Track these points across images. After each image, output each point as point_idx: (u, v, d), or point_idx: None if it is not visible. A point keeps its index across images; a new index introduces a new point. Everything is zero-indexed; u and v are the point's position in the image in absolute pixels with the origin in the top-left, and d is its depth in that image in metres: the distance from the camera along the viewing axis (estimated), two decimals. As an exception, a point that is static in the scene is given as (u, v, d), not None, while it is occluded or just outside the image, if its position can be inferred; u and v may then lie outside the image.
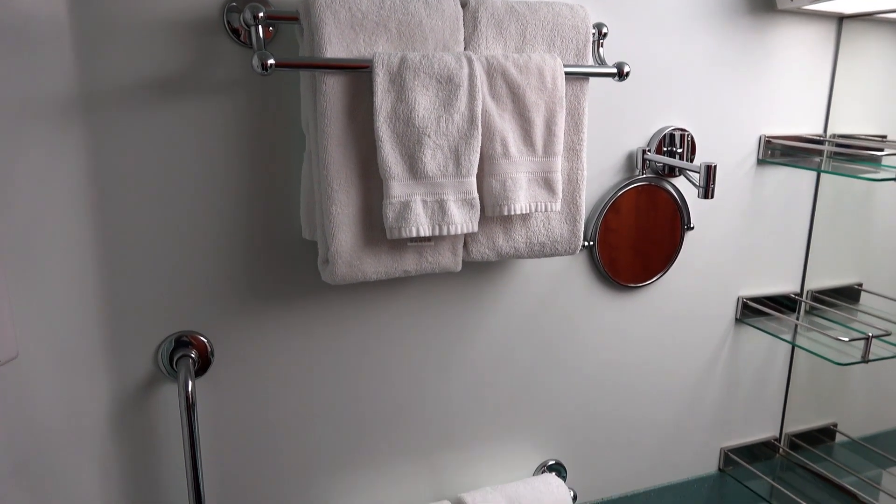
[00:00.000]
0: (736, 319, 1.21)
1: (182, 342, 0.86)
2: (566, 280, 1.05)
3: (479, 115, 0.79)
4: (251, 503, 0.95)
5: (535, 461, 1.13)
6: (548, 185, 0.86)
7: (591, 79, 0.93)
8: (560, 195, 0.87)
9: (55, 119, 0.74)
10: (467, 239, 0.87)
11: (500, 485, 1.05)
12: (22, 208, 0.75)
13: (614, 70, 0.88)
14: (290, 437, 0.95)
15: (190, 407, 0.81)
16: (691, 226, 1.10)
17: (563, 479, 1.14)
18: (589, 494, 1.18)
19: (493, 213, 0.83)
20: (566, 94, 0.87)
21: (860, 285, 1.25)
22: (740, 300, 1.20)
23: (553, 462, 1.13)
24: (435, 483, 1.06)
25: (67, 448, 0.79)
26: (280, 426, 0.94)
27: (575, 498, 1.08)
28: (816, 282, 1.26)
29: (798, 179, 1.19)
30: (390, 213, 0.77)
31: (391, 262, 0.82)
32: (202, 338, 0.87)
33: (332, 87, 0.75)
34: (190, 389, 0.81)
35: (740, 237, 1.17)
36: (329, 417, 0.96)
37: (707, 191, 0.91)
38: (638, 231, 1.06)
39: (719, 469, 1.29)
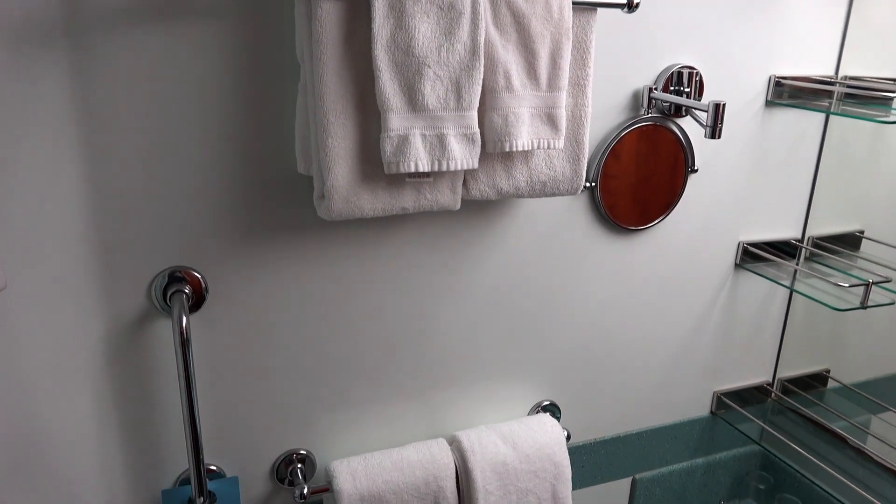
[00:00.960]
0: (735, 265, 1.20)
1: (176, 277, 0.85)
2: (566, 221, 1.04)
3: (482, 45, 0.76)
4: (247, 439, 0.96)
5: (530, 402, 1.13)
6: (551, 121, 0.83)
7: (599, 10, 0.89)
8: (563, 132, 0.84)
9: (39, 43, 0.71)
10: (467, 176, 0.85)
11: (494, 424, 1.06)
12: (5, 139, 0.72)
13: (623, 0, 0.84)
14: (286, 374, 0.95)
15: (185, 342, 0.80)
16: (695, 168, 1.08)
17: (558, 419, 1.15)
18: (582, 435, 1.19)
19: (494, 149, 0.81)
20: (573, 26, 0.83)
21: (861, 232, 1.24)
22: (740, 245, 1.19)
23: (548, 403, 1.14)
24: (430, 422, 1.07)
25: (60, 383, 0.79)
26: (275, 363, 0.93)
27: (568, 437, 1.09)
28: (818, 228, 1.25)
29: (806, 122, 1.16)
30: (388, 147, 0.75)
31: (389, 198, 0.80)
32: (196, 273, 0.86)
33: (329, 13, 0.71)
34: (184, 325, 0.80)
35: (744, 181, 1.15)
36: (324, 355, 0.96)
37: (714, 130, 0.89)
38: (640, 173, 1.04)
39: (711, 412, 1.30)
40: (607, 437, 1.22)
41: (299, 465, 0.99)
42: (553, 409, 1.15)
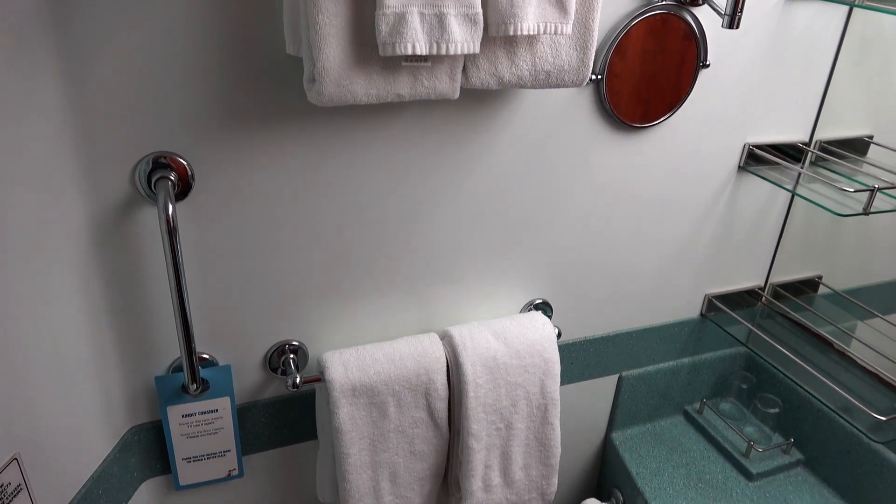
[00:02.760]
0: (739, 167, 1.17)
1: (160, 164, 0.81)
2: (568, 116, 0.99)
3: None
4: (239, 329, 0.96)
5: (523, 300, 1.13)
6: (559, 3, 0.77)
7: None
8: (572, 17, 0.78)
9: None
10: (467, 62, 0.80)
11: (486, 320, 1.06)
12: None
13: None
14: (276, 266, 0.93)
15: (172, 231, 0.78)
16: (707, 63, 1.03)
17: (549, 317, 1.15)
18: (573, 333, 1.21)
19: (497, 32, 0.75)
20: None
21: (870, 137, 1.20)
22: (746, 147, 1.15)
23: (540, 301, 1.14)
24: (422, 317, 1.07)
25: (47, 271, 0.77)
26: (265, 254, 0.92)
27: (559, 335, 1.10)
28: (827, 132, 1.21)
29: (828, 15, 1.10)
30: (383, 27, 0.69)
31: (383, 83, 0.76)
32: (181, 160, 0.82)
33: None
34: (170, 213, 0.77)
35: (756, 78, 1.09)
36: (316, 247, 0.94)
37: (733, 19, 0.83)
38: (650, 65, 0.99)
39: (701, 314, 1.31)
40: (597, 335, 1.23)
41: (291, 356, 1.00)
42: (545, 308, 1.15)
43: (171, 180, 0.81)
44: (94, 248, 0.83)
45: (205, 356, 0.96)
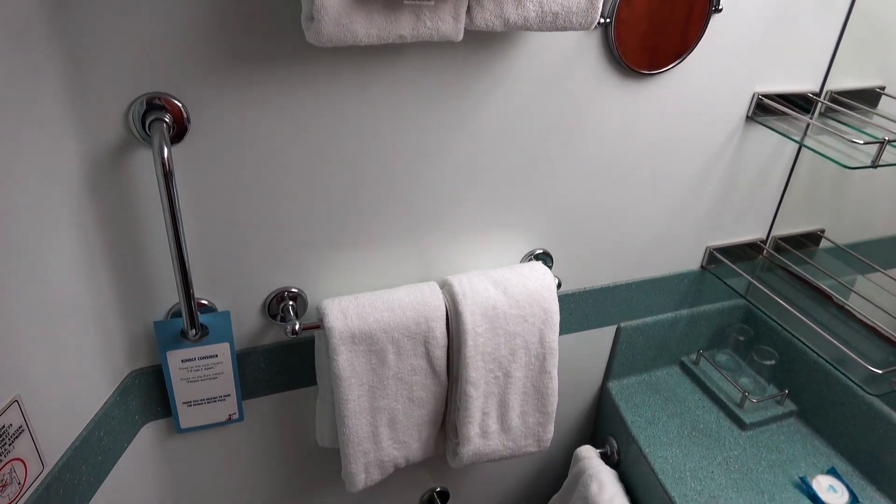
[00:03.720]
0: (747, 117, 1.14)
1: (154, 105, 0.79)
2: (575, 61, 0.96)
3: None
4: (237, 275, 0.95)
5: (524, 250, 1.13)
6: (569, -61, 0.74)
7: None
8: (582, -46, 0.75)
9: None
10: (471, 3, 0.76)
11: (486, 269, 1.06)
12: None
13: None
14: (275, 212, 0.92)
15: (167, 174, 0.76)
16: (720, 7, 0.99)
17: (550, 267, 1.15)
18: (573, 283, 1.20)
19: (503, -30, 0.72)
20: None
21: (882, 89, 1.17)
22: (755, 96, 1.13)
23: (540, 251, 1.13)
24: (422, 266, 1.07)
25: (39, 215, 0.75)
26: (264, 200, 0.90)
27: (559, 285, 1.10)
28: (838, 82, 1.18)
29: (847, -41, 1.06)
30: (385, -38, 0.66)
31: (384, 23, 0.73)
32: (176, 101, 0.80)
33: None
34: (166, 155, 0.75)
35: (769, 24, 1.06)
36: (314, 194, 0.93)
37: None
38: (659, 10, 0.95)
39: (702, 267, 1.31)
40: (597, 286, 1.23)
41: (291, 303, 1.00)
42: (545, 258, 1.14)
43: (165, 122, 0.79)
44: (88, 192, 0.81)
45: (203, 302, 0.95)
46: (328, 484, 1.25)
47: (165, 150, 0.75)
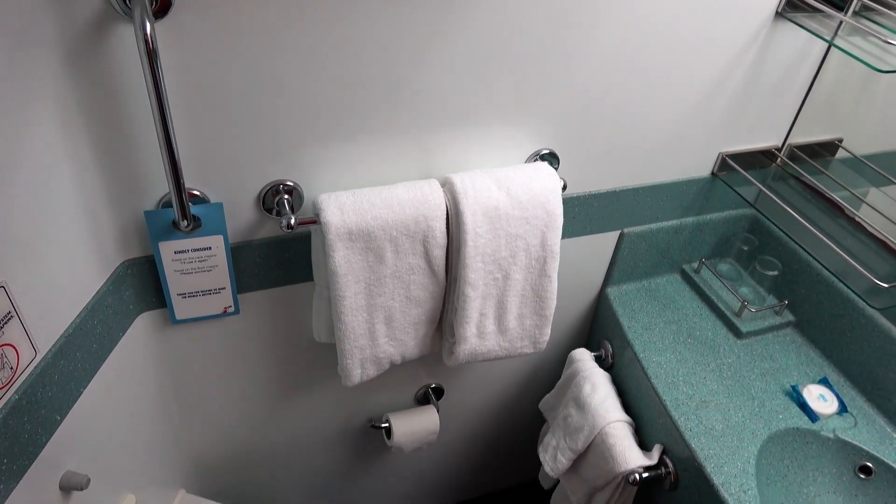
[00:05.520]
0: (776, 13, 1.06)
1: (134, -26, 0.72)
2: (596, -59, 0.88)
3: None
4: (230, 166, 0.91)
5: (529, 149, 1.08)
6: None
7: None
8: None
9: None
10: None
11: (490, 168, 1.02)
12: None
13: None
14: (269, 101, 0.86)
15: (151, 53, 0.70)
16: None
17: (555, 169, 1.10)
18: (578, 186, 1.16)
19: None
20: None
21: (923, -14, 1.09)
22: (787, -11, 1.04)
23: (546, 151, 1.09)
24: (423, 162, 1.02)
25: (16, 98, 0.70)
26: (256, 87, 0.85)
27: (564, 188, 1.06)
28: (877, -24, 1.09)
29: None
30: None
31: None
32: (158, -29, 0.73)
33: None
34: (148, 31, 0.69)
35: None
36: (311, 81, 0.87)
37: None
38: None
39: (712, 173, 1.27)
40: (602, 190, 1.19)
41: (286, 196, 0.97)
42: (551, 159, 1.10)
43: (147, -6, 0.72)
44: (68, 72, 0.76)
45: (195, 193, 0.92)
46: (325, 378, 1.27)
47: (148, 25, 0.69)
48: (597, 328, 1.43)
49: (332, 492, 1.58)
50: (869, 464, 1.08)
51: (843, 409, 1.14)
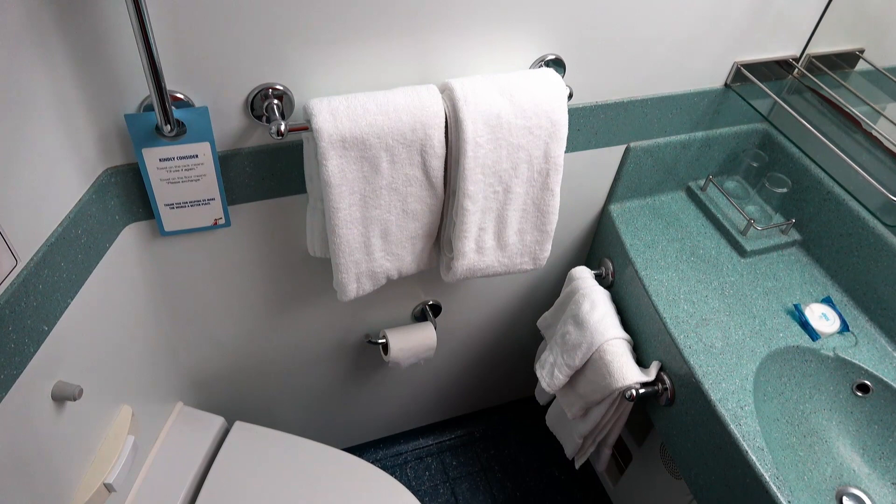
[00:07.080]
0: None
1: None
2: None
3: None
4: (216, 67, 0.85)
5: (534, 55, 1.01)
6: None
7: None
8: None
9: None
10: None
11: (492, 74, 0.96)
12: None
13: None
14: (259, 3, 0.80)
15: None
16: None
17: (561, 76, 1.04)
18: (584, 96, 1.11)
19: None
20: None
21: None
22: None
23: (552, 57, 1.02)
24: (422, 67, 0.96)
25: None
26: (241, -23, 0.78)
27: (570, 96, 1.00)
28: None
29: None
30: None
31: None
32: None
33: None
34: None
35: None
36: (300, -28, 0.80)
37: None
38: None
39: (726, 84, 1.20)
40: (610, 101, 1.13)
41: (276, 101, 0.91)
42: (557, 66, 1.03)
43: None
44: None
45: (178, 95, 0.86)
46: (320, 292, 1.25)
47: None
48: (598, 246, 1.40)
49: (329, 406, 1.60)
50: (867, 382, 1.08)
51: (844, 328, 1.12)
